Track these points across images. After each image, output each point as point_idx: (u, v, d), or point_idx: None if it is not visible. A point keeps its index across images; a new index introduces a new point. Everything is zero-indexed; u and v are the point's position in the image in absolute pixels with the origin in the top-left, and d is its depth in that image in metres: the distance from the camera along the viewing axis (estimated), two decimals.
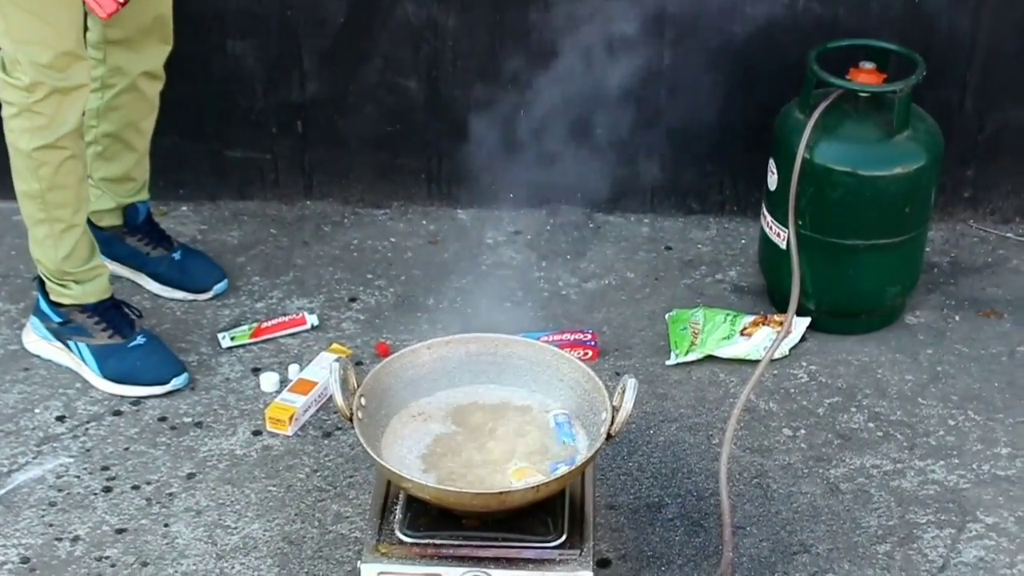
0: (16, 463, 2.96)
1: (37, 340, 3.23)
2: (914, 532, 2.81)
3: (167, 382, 3.13)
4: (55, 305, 3.14)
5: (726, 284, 3.54)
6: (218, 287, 3.46)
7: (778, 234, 3.28)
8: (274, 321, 3.35)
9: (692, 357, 3.24)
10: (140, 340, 3.16)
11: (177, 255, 3.45)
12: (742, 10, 3.52)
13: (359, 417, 2.47)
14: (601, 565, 2.70)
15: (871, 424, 3.09)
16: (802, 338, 3.31)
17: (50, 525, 2.82)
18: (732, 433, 2.79)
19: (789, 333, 3.21)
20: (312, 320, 3.36)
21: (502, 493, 2.36)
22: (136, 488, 2.91)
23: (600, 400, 2.50)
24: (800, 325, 3.31)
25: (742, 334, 3.26)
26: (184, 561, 2.74)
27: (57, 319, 3.15)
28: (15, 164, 2.96)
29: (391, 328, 3.36)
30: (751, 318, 3.32)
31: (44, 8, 2.79)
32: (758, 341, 3.24)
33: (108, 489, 2.90)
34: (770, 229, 3.32)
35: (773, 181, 3.28)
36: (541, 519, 2.42)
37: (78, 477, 2.93)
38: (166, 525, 2.82)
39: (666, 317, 3.39)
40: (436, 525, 2.41)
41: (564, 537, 2.39)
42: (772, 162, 3.28)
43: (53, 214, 2.99)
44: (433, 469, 2.47)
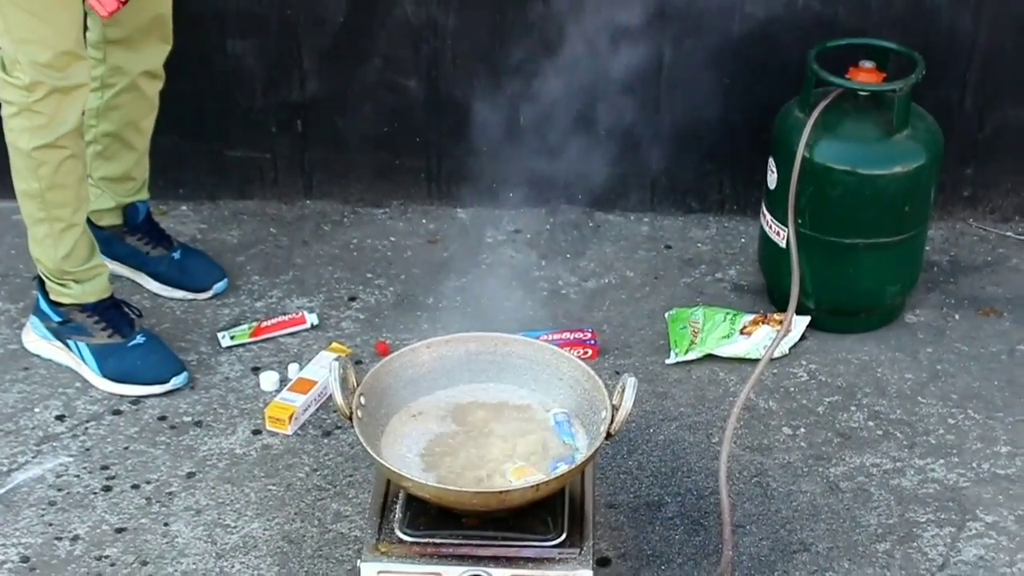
0: (16, 462, 2.96)
1: (37, 339, 3.23)
2: (914, 531, 2.81)
3: (167, 381, 3.13)
4: (55, 304, 3.14)
5: (726, 283, 3.54)
6: (218, 286, 3.46)
7: (778, 233, 3.28)
8: (274, 320, 3.35)
9: (692, 356, 3.24)
10: (140, 339, 3.16)
11: (177, 254, 3.45)
12: (742, 9, 3.52)
13: (359, 416, 2.47)
14: (601, 564, 2.70)
15: (871, 423, 3.09)
16: (802, 337, 3.31)
17: (50, 524, 2.82)
18: (732, 432, 2.79)
19: (789, 332, 3.21)
20: (312, 319, 3.36)
21: (502, 492, 2.36)
22: (136, 487, 2.91)
23: (600, 399, 2.50)
24: (800, 324, 3.31)
25: (742, 333, 3.26)
26: (184, 560, 2.74)
27: (57, 318, 3.15)
28: (15, 163, 2.96)
29: (391, 327, 3.36)
30: (751, 317, 3.32)
31: (44, 8, 2.79)
32: (758, 340, 3.24)
33: (108, 488, 2.90)
34: (770, 228, 3.32)
35: (773, 180, 3.28)
36: (541, 518, 2.42)
37: (78, 476, 2.93)
38: (166, 524, 2.82)
39: (666, 316, 3.39)
40: (436, 524, 2.41)
41: (564, 536, 2.39)
42: (772, 161, 3.28)
43: (53, 213, 2.99)
44: (433, 468, 2.47)
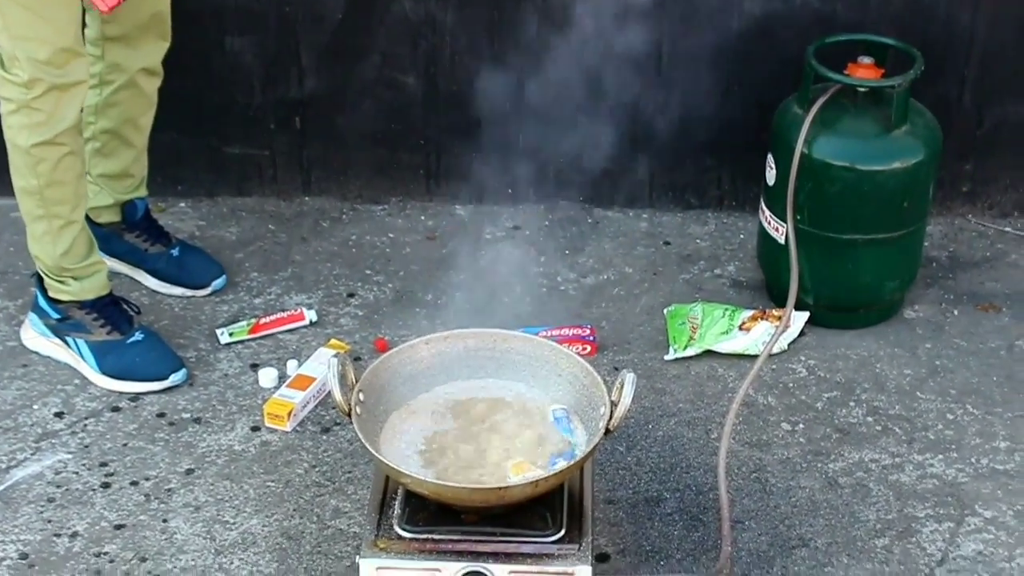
0: (15, 459, 2.96)
1: (35, 336, 3.22)
2: (913, 526, 2.81)
3: (165, 378, 3.13)
4: (53, 301, 3.14)
5: (725, 279, 3.54)
6: (216, 283, 3.46)
7: (777, 229, 3.28)
8: (272, 317, 3.35)
9: (691, 352, 3.24)
10: (138, 336, 3.16)
11: (175, 251, 3.45)
12: (740, 5, 3.51)
13: (357, 412, 2.47)
14: (600, 559, 2.70)
15: (870, 418, 3.09)
16: (801, 333, 3.31)
17: (49, 521, 2.82)
18: (731, 428, 2.79)
19: (788, 328, 3.22)
20: (310, 316, 3.36)
21: (501, 488, 2.36)
22: (135, 484, 2.91)
23: (599, 395, 2.50)
24: (799, 320, 3.31)
25: (741, 329, 3.26)
26: (183, 557, 2.74)
27: (55, 315, 3.15)
28: (13, 160, 2.96)
29: (389, 324, 3.36)
30: (750, 313, 3.32)
31: (42, 5, 2.79)
32: (757, 336, 3.24)
33: (107, 485, 2.90)
34: (768, 224, 3.32)
35: (771, 176, 3.28)
36: (540, 514, 2.42)
37: (77, 473, 2.93)
38: (165, 521, 2.82)
39: (664, 312, 3.39)
40: (435, 520, 2.41)
41: (563, 532, 2.39)
42: (770, 157, 3.28)
43: (51, 210, 2.99)
44: (431, 464, 2.47)
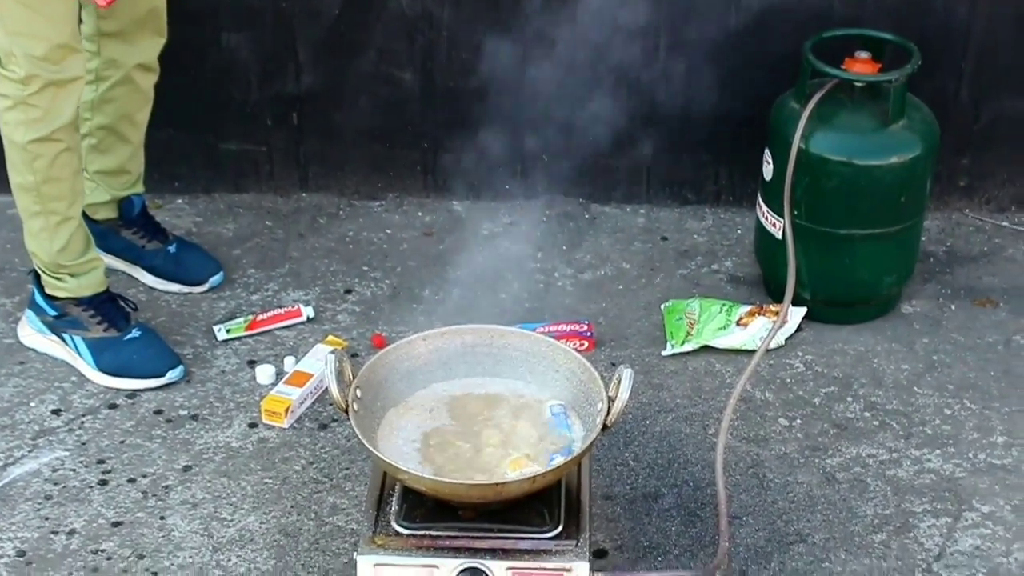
0: (12, 457, 2.96)
1: (32, 333, 3.22)
2: (910, 521, 2.81)
3: (163, 375, 3.13)
4: (50, 298, 3.13)
5: (722, 274, 3.54)
6: (214, 280, 3.45)
7: (774, 224, 3.27)
8: (270, 313, 3.35)
9: (688, 347, 3.24)
10: (136, 333, 3.15)
11: (172, 248, 3.44)
12: (737, 0, 3.51)
13: (355, 409, 2.47)
14: (597, 555, 2.70)
15: (867, 413, 3.09)
16: (798, 328, 3.31)
17: (46, 518, 2.81)
18: (728, 423, 2.79)
19: (785, 323, 3.22)
20: (308, 312, 3.36)
21: (498, 484, 2.35)
22: (132, 481, 2.91)
23: (596, 391, 2.49)
24: (796, 315, 3.30)
25: (738, 324, 3.26)
26: (180, 554, 2.73)
27: (52, 312, 3.14)
28: (10, 157, 2.96)
29: (387, 320, 3.36)
30: (747, 308, 3.32)
31: (39, 1, 2.79)
32: (754, 331, 3.24)
33: (104, 482, 2.90)
34: (766, 219, 3.31)
35: (769, 171, 3.28)
36: (537, 510, 2.42)
37: (74, 470, 2.93)
38: (162, 518, 2.82)
39: (662, 307, 3.39)
40: (432, 516, 2.41)
41: (560, 528, 2.39)
42: (768, 152, 3.28)
43: (48, 207, 2.99)
44: (429, 460, 2.47)
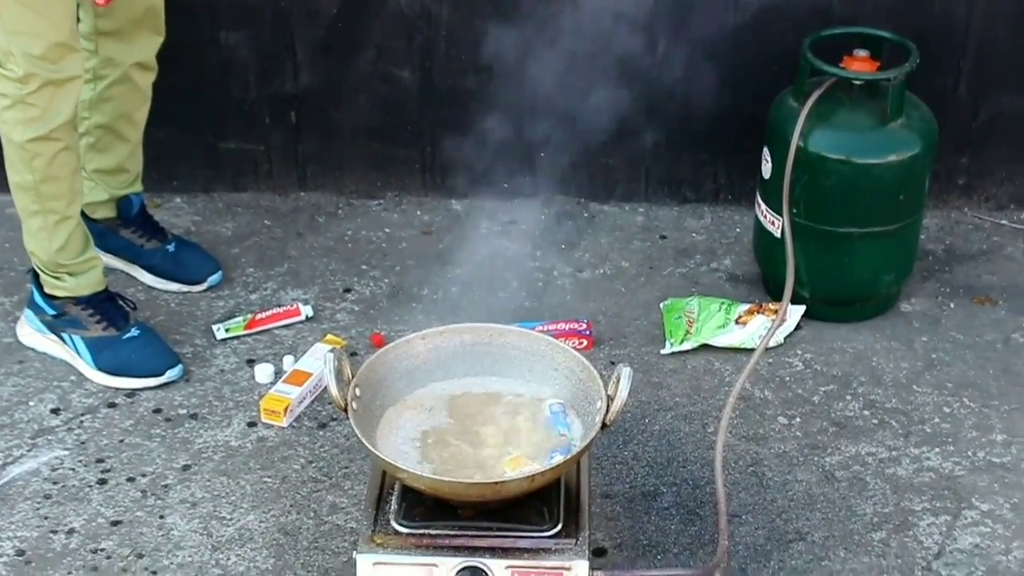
0: (11, 456, 2.96)
1: (31, 333, 3.22)
2: (909, 519, 2.81)
3: (162, 374, 3.13)
4: (49, 297, 3.13)
5: (721, 273, 3.54)
6: (212, 279, 3.45)
7: (772, 222, 3.27)
8: (268, 312, 3.35)
9: (687, 346, 3.24)
10: (134, 332, 3.15)
11: (171, 247, 3.44)
12: None
13: (354, 408, 2.47)
14: (597, 554, 2.70)
15: (866, 412, 3.09)
16: (797, 326, 3.31)
17: (45, 518, 2.81)
18: (727, 421, 2.78)
19: (784, 321, 3.22)
20: (306, 311, 3.35)
21: (497, 483, 2.35)
22: (131, 480, 2.90)
23: (595, 389, 2.49)
24: (795, 313, 3.31)
25: (737, 323, 3.25)
26: (179, 553, 2.73)
27: (51, 312, 3.14)
28: (9, 156, 2.96)
29: (385, 319, 3.36)
30: (746, 306, 3.32)
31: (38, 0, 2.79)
32: (753, 329, 3.24)
33: (103, 481, 2.90)
34: (764, 217, 3.31)
35: (767, 169, 3.28)
36: (537, 509, 2.42)
37: (73, 469, 2.93)
38: (161, 517, 2.81)
39: (661, 306, 3.39)
40: (431, 515, 2.41)
41: (560, 526, 2.39)
42: (766, 150, 3.28)
43: (47, 206, 2.99)
44: (428, 459, 2.47)
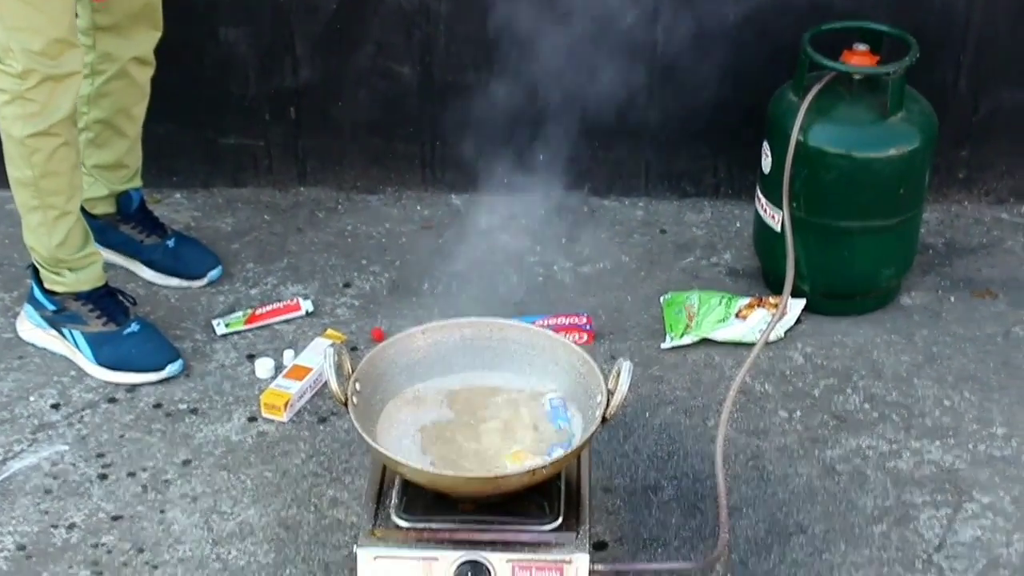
0: (11, 451, 2.96)
1: (31, 328, 3.22)
2: (910, 512, 2.81)
3: (162, 369, 3.13)
4: (49, 293, 3.13)
5: (721, 267, 3.54)
6: (212, 274, 3.45)
7: (772, 216, 3.27)
8: (269, 307, 3.35)
9: (687, 340, 3.24)
10: (134, 327, 3.15)
11: (171, 242, 3.44)
12: None
13: (354, 402, 2.47)
14: (597, 548, 2.70)
15: (867, 405, 3.09)
16: (797, 320, 3.31)
17: (46, 513, 2.81)
18: (728, 415, 2.78)
19: (784, 315, 3.21)
20: (307, 306, 3.35)
21: (498, 477, 2.36)
22: (132, 475, 2.90)
23: (595, 383, 2.49)
24: (795, 307, 3.31)
25: (737, 316, 3.26)
26: (180, 547, 2.73)
27: (51, 307, 3.14)
28: (8, 151, 2.96)
29: (386, 313, 3.36)
30: (746, 300, 3.32)
31: None
32: (753, 323, 3.24)
33: (104, 476, 2.90)
34: (764, 211, 3.31)
35: (767, 164, 3.28)
36: (537, 502, 2.41)
37: (73, 464, 2.93)
38: (162, 512, 2.82)
39: (661, 300, 3.39)
40: (432, 509, 2.41)
41: (560, 520, 2.39)
42: (766, 145, 3.28)
43: (46, 201, 2.99)
44: (428, 453, 2.47)
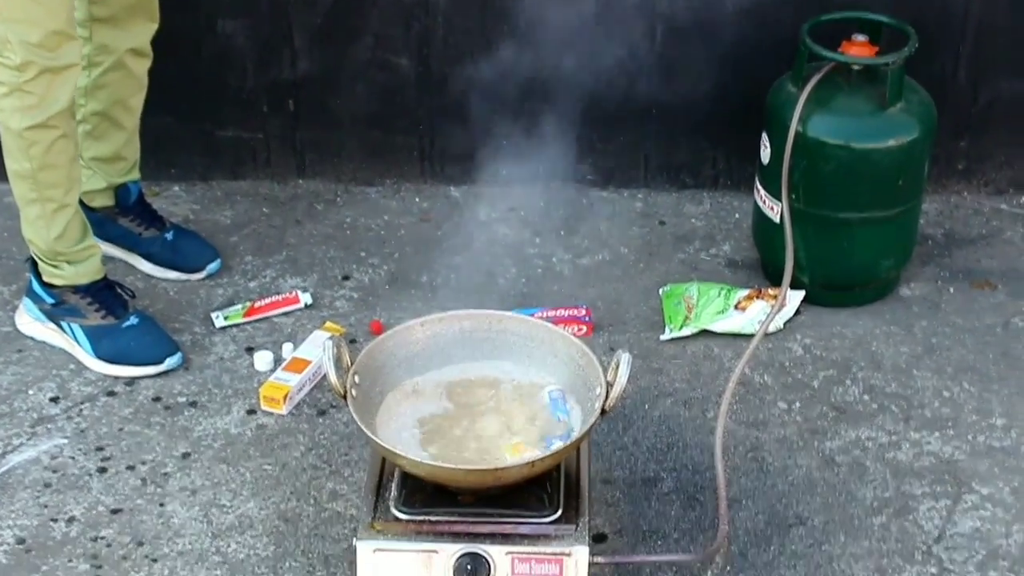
0: (11, 444, 2.96)
1: (30, 321, 3.22)
2: (910, 504, 2.81)
3: (161, 362, 3.13)
4: (48, 286, 3.13)
5: (720, 258, 3.54)
6: (211, 267, 3.45)
7: (771, 208, 3.27)
8: (267, 300, 3.35)
9: (686, 331, 3.24)
10: (133, 320, 3.15)
11: (169, 235, 3.44)
12: None
13: (353, 395, 2.47)
14: (597, 540, 2.70)
15: (866, 396, 3.09)
16: (796, 311, 3.30)
17: (45, 506, 2.81)
18: (727, 407, 2.78)
19: (783, 307, 3.21)
20: (305, 299, 3.35)
21: (497, 469, 2.36)
22: (131, 468, 2.90)
23: (594, 375, 2.49)
24: (794, 298, 3.30)
25: (736, 308, 3.25)
26: (179, 540, 2.73)
27: (50, 300, 3.14)
28: (6, 144, 2.96)
29: (384, 306, 3.36)
30: (745, 292, 3.31)
31: None
32: (752, 315, 3.24)
33: (103, 470, 2.90)
34: (763, 203, 3.31)
35: (766, 155, 3.27)
36: (536, 495, 2.42)
37: (73, 458, 2.93)
38: (161, 505, 2.82)
39: (660, 292, 3.38)
40: (431, 502, 2.41)
41: (560, 512, 2.39)
42: (765, 136, 3.28)
43: (45, 194, 2.98)
44: (428, 446, 2.47)
